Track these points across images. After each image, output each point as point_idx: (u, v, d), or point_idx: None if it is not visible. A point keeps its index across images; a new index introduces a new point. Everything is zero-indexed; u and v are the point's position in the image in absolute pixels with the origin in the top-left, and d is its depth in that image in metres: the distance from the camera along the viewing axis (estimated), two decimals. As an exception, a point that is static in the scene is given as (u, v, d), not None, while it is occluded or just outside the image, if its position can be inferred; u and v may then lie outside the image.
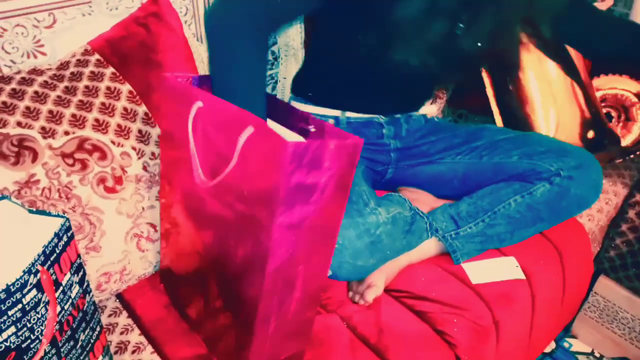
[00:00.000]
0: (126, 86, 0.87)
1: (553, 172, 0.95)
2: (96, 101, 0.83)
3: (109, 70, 0.87)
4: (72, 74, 0.84)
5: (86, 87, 0.84)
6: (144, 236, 0.86)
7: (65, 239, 0.58)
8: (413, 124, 1.14)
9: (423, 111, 1.18)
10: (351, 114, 1.07)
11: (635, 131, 1.31)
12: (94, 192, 0.80)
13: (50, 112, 0.79)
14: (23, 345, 0.53)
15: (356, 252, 0.84)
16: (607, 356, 1.37)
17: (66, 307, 0.59)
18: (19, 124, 0.76)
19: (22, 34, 0.86)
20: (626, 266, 1.28)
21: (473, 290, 0.92)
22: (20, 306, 0.51)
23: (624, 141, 1.31)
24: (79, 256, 0.61)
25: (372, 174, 1.09)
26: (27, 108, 0.78)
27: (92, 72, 0.85)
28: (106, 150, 0.82)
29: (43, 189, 0.75)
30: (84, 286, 0.63)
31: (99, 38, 0.90)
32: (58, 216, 0.58)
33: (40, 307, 0.54)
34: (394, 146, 1.11)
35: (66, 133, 0.79)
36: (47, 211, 0.61)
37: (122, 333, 0.82)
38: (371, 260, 0.85)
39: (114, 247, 0.84)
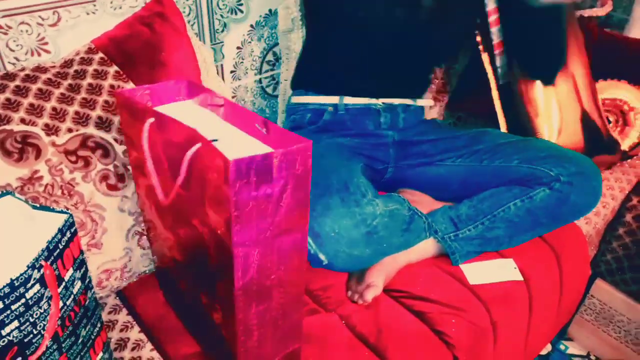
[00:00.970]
0: (129, 85, 0.87)
1: (553, 178, 0.96)
2: (100, 99, 0.84)
3: (112, 69, 0.87)
4: (75, 71, 0.85)
5: (90, 85, 0.84)
6: (145, 234, 0.87)
7: (68, 234, 0.58)
8: (411, 114, 1.15)
9: (421, 104, 1.19)
10: (349, 99, 1.10)
11: (632, 136, 1.32)
12: (96, 189, 0.80)
13: (54, 109, 0.79)
14: (25, 340, 0.53)
15: (352, 242, 0.85)
16: (603, 359, 1.37)
17: (68, 303, 0.59)
18: (23, 120, 0.76)
19: (27, 31, 0.86)
20: (623, 270, 1.29)
21: (471, 291, 0.92)
22: (23, 301, 0.51)
23: (622, 146, 1.32)
24: (81, 252, 0.62)
25: (371, 172, 1.10)
26: (31, 105, 0.78)
27: (95, 70, 0.86)
28: (109, 148, 0.82)
29: (46, 186, 0.76)
30: (86, 282, 0.64)
31: (103, 36, 0.90)
32: (62, 212, 0.58)
33: (43, 302, 0.54)
34: (392, 139, 1.12)
35: (69, 130, 0.79)
36: (51, 207, 0.62)
37: (122, 330, 0.82)
38: (367, 251, 0.86)
39: (115, 245, 0.84)
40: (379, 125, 1.11)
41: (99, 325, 0.69)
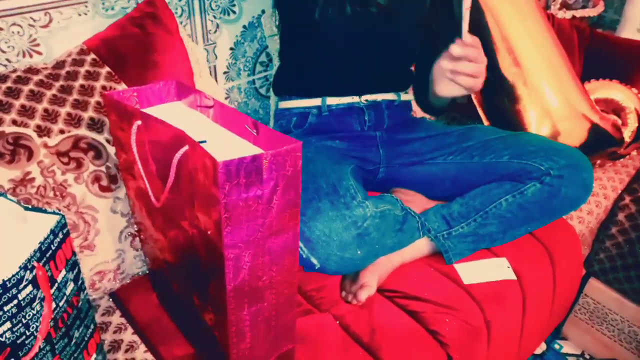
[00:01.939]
0: (122, 86, 0.87)
1: (543, 172, 0.96)
2: (92, 100, 0.83)
3: (104, 70, 0.87)
4: (67, 73, 0.85)
5: (82, 86, 0.84)
6: (137, 235, 0.87)
7: (60, 235, 0.58)
8: (395, 111, 1.15)
9: (406, 98, 1.18)
10: (332, 100, 1.10)
11: (625, 135, 1.32)
12: (88, 190, 0.80)
13: (46, 110, 0.79)
14: (18, 341, 0.53)
15: (343, 244, 0.85)
16: (596, 358, 1.38)
17: (61, 304, 0.59)
18: (15, 122, 0.76)
19: (18, 33, 0.86)
20: (616, 269, 1.30)
21: (465, 291, 0.93)
22: (15, 302, 0.51)
23: (614, 145, 1.33)
24: (74, 253, 0.62)
25: (363, 173, 1.10)
26: (23, 106, 0.78)
27: (87, 72, 0.86)
28: (101, 149, 0.82)
29: (38, 187, 0.76)
30: (79, 283, 0.63)
31: (94, 38, 0.90)
32: (54, 213, 0.58)
33: (35, 304, 0.54)
34: (380, 139, 1.13)
35: (61, 132, 0.79)
36: (43, 208, 0.61)
37: (115, 332, 0.82)
38: (359, 253, 0.86)
39: (108, 246, 0.84)
40: (364, 125, 1.11)
41: (92, 326, 0.68)
